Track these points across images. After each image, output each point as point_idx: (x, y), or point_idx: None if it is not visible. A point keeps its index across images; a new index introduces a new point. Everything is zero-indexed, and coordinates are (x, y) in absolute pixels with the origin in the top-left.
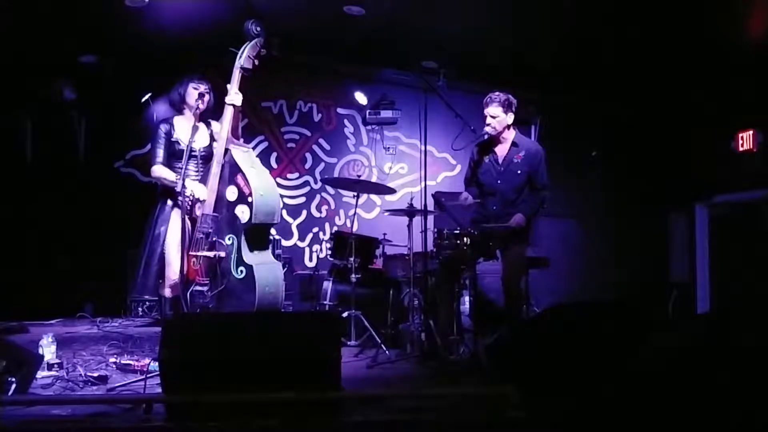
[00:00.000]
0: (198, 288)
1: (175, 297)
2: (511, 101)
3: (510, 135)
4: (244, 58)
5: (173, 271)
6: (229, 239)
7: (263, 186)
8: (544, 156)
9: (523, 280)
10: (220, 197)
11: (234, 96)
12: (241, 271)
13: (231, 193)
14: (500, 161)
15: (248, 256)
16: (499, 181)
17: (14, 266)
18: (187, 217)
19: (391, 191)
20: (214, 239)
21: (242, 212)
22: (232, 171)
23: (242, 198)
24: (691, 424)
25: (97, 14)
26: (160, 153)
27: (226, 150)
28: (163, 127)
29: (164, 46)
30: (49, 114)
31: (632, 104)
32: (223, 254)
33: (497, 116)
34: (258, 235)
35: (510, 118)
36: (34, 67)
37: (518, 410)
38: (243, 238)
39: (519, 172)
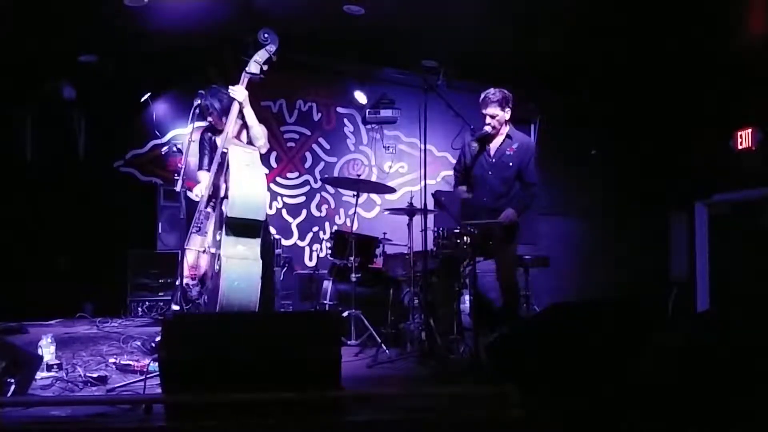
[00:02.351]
0: (191, 282)
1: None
2: (507, 97)
3: (504, 129)
4: (252, 65)
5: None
6: (218, 235)
7: (244, 181)
8: (536, 152)
9: (517, 275)
10: (215, 194)
11: (236, 89)
12: (219, 266)
13: (223, 190)
14: (492, 153)
15: (225, 250)
16: (489, 172)
17: (13, 266)
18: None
19: (391, 190)
20: (206, 234)
21: (225, 207)
22: (226, 169)
23: (226, 193)
24: (691, 423)
25: (96, 14)
26: (206, 160)
27: (225, 149)
28: (211, 137)
29: (164, 45)
30: (48, 113)
31: (632, 103)
32: (214, 250)
33: (496, 115)
34: (239, 230)
35: (508, 113)
36: (33, 66)
37: (518, 409)
38: (224, 231)
39: (510, 164)
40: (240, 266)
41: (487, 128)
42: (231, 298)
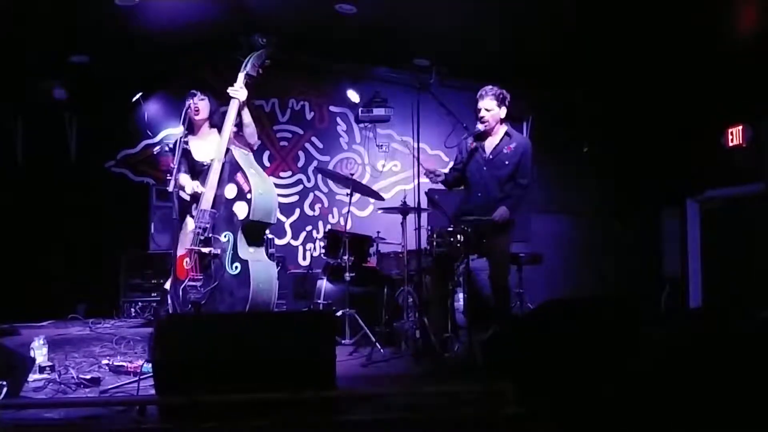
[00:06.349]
0: (191, 284)
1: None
2: (504, 95)
3: (502, 128)
4: (249, 66)
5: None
6: (224, 236)
7: (263, 185)
8: (532, 152)
9: (509, 276)
10: (219, 194)
11: (238, 89)
12: (236, 267)
13: (230, 191)
14: (488, 150)
15: (244, 252)
16: (485, 168)
17: (4, 267)
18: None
19: (380, 198)
20: (209, 235)
21: (240, 209)
22: (232, 169)
23: (241, 195)
24: (687, 419)
25: (87, 14)
26: (183, 167)
27: (228, 149)
28: (183, 146)
29: (155, 45)
30: (40, 114)
31: (623, 101)
32: (218, 251)
33: (491, 109)
34: (254, 232)
35: (503, 112)
36: (25, 67)
37: (515, 407)
38: (240, 234)
39: (507, 162)
40: (261, 268)
41: (480, 126)
42: (258, 300)
